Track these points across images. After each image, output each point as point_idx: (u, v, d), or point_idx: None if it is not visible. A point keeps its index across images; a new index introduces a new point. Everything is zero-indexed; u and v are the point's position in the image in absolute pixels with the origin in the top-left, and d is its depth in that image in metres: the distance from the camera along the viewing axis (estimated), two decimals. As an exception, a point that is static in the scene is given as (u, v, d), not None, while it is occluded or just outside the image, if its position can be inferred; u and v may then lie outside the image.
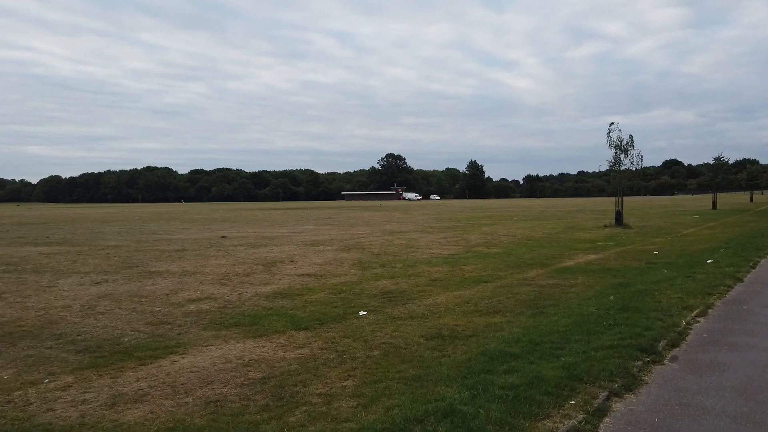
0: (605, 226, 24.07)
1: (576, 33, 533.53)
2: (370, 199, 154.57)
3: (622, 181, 24.51)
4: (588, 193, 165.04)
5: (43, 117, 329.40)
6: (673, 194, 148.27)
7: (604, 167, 25.08)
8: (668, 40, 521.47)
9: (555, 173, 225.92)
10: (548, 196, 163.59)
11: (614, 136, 24.53)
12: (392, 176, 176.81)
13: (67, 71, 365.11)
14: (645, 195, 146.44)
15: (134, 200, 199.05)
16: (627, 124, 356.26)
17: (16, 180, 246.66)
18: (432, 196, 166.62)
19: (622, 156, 24.08)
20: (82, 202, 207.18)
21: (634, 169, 24.34)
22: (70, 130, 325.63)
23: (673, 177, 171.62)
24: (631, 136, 24.57)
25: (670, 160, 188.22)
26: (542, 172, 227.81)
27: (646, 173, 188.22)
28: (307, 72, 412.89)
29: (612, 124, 24.50)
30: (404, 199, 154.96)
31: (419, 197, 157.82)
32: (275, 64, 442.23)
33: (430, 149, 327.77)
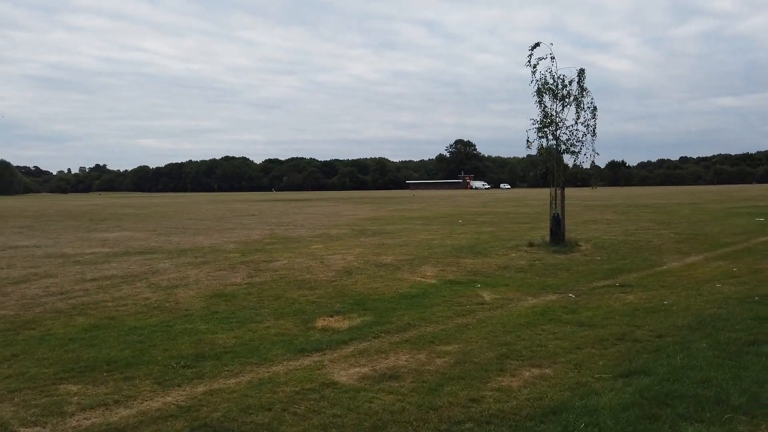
0: (530, 244, 14.99)
1: (680, 10, 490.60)
2: (435, 188, 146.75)
3: (556, 163, 15.06)
4: (681, 181, 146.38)
5: (156, 112, 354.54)
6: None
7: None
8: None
9: (654, 159, 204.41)
10: (635, 185, 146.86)
11: (542, 69, 14.02)
12: (460, 164, 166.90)
13: (176, 69, 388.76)
14: (751, 182, 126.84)
15: (211, 189, 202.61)
16: (743, 106, 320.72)
17: (120, 170, 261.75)
18: (502, 185, 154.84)
19: (557, 109, 14.75)
20: (165, 191, 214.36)
21: (582, 136, 14.70)
22: (180, 124, 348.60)
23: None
24: (580, 72, 14.34)
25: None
26: (641, 158, 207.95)
27: (753, 157, 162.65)
28: (396, 62, 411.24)
29: (536, 46, 13.88)
30: (471, 187, 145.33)
31: (487, 186, 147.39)
32: (365, 55, 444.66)
33: (522, 136, 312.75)
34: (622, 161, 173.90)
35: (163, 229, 22.92)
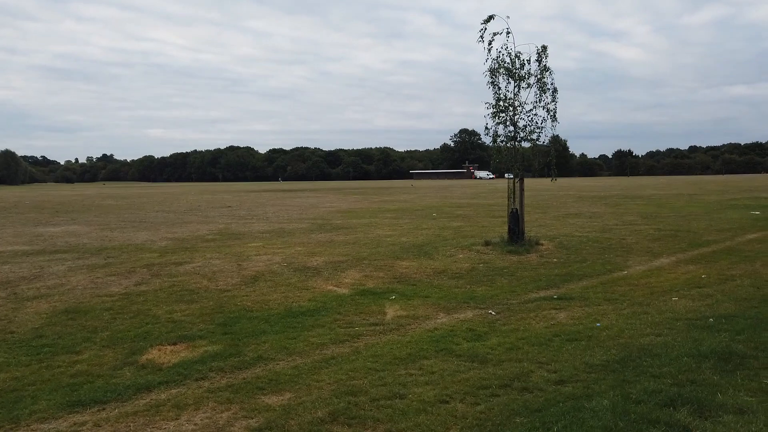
0: (486, 243, 13.39)
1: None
2: (439, 178, 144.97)
3: (514, 153, 13.40)
4: (689, 171, 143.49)
5: (165, 102, 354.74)
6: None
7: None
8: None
9: (663, 149, 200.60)
10: (641, 174, 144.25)
11: (498, 46, 12.68)
12: (465, 153, 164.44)
13: (185, 59, 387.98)
14: (760, 172, 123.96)
15: (215, 179, 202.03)
16: (755, 94, 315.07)
17: (128, 160, 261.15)
18: (506, 175, 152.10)
19: (514, 91, 12.70)
20: (171, 181, 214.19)
21: (541, 121, 12.77)
22: (188, 114, 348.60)
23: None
24: (542, 50, 12.58)
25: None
26: (650, 148, 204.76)
27: (763, 146, 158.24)
28: (405, 51, 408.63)
29: (490, 19, 12.14)
30: (476, 177, 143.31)
31: (492, 176, 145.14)
32: (374, 44, 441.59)
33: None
34: (629, 150, 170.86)
35: (117, 223, 21.57)
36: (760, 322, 6.23)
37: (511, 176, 13.85)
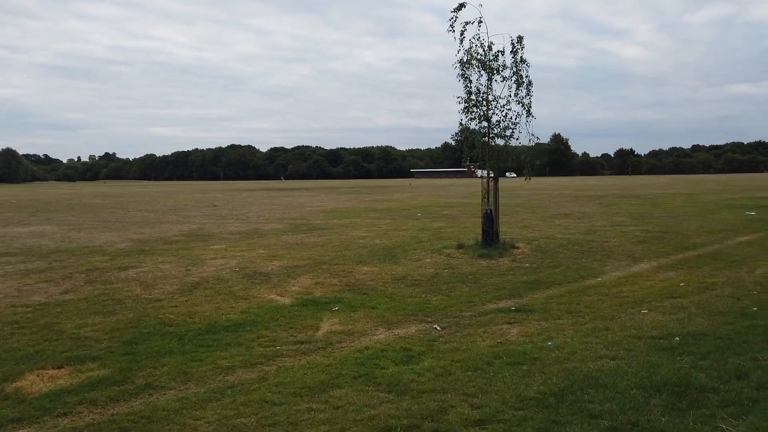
0: (459, 246, 12.59)
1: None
2: (441, 177, 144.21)
3: (489, 150, 12.59)
4: (691, 170, 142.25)
5: (167, 101, 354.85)
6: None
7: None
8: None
9: (665, 147, 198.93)
10: (643, 173, 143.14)
11: (470, 36, 11.52)
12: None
13: (187, 58, 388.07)
14: (763, 171, 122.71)
15: (216, 178, 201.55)
16: (757, 93, 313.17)
17: (131, 159, 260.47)
18: (507, 174, 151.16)
19: (486, 84, 11.95)
20: (172, 179, 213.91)
21: (515, 116, 11.75)
22: (190, 112, 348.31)
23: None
24: (517, 40, 11.71)
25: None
26: (653, 147, 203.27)
27: (766, 145, 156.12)
28: (406, 49, 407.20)
29: (461, 7, 11.35)
30: (477, 176, 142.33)
31: (493, 175, 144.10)
32: (375, 43, 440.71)
33: (533, 123, 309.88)
34: (631, 149, 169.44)
35: (91, 223, 20.88)
36: (731, 343, 5.45)
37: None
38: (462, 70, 11.78)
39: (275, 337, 6.24)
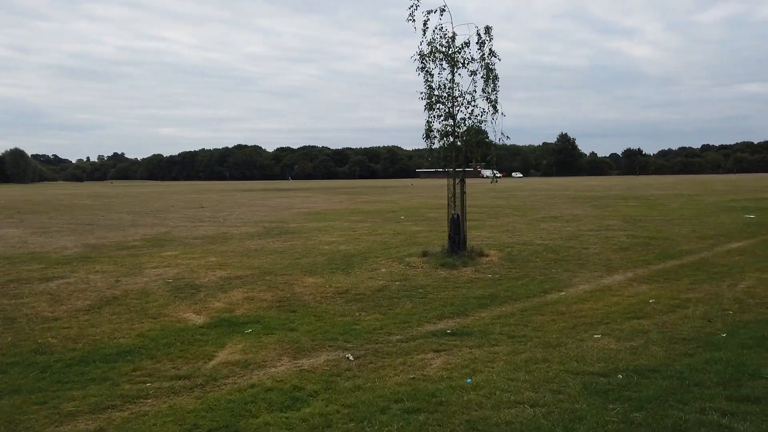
0: (424, 253, 11.61)
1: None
2: (445, 177, 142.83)
3: (452, 150, 11.58)
4: (700, 170, 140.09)
5: (175, 101, 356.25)
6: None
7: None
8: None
9: (675, 147, 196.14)
10: (651, 173, 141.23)
11: (433, 26, 10.49)
12: (472, 152, 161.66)
13: (195, 58, 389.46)
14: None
15: (223, 178, 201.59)
16: (766, 92, 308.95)
17: (139, 159, 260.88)
18: (514, 174, 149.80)
19: (450, 78, 10.96)
20: (179, 179, 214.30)
21: (481, 113, 10.90)
22: (198, 113, 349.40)
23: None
24: (485, 30, 10.74)
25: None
26: (662, 146, 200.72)
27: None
28: (413, 49, 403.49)
29: None
30: (482, 176, 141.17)
31: (498, 175, 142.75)
32: (383, 43, 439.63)
33: (541, 123, 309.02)
34: (639, 149, 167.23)
35: (61, 226, 20.15)
36: (680, 386, 4.47)
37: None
38: (422, 63, 10.81)
39: (154, 370, 5.32)
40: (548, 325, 6.68)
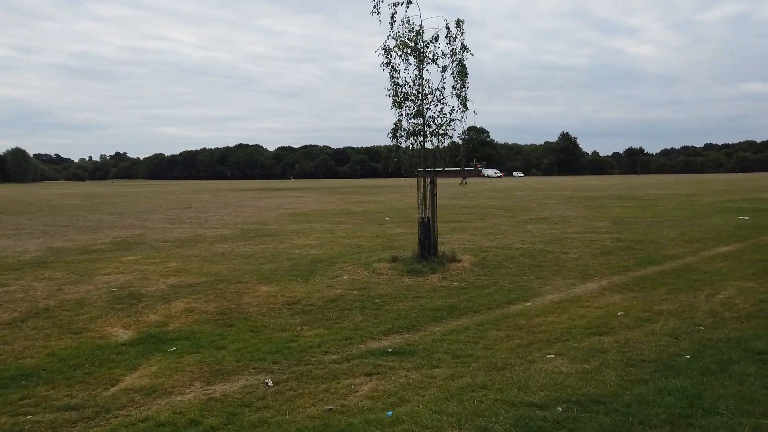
0: (393, 259, 11.00)
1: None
2: (448, 176, 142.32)
3: (420, 150, 10.94)
4: (702, 169, 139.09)
5: (177, 101, 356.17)
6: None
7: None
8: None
9: (678, 146, 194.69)
10: (653, 173, 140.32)
11: (400, 19, 9.91)
12: (473, 151, 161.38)
13: (197, 58, 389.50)
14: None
15: (224, 177, 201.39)
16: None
17: (140, 158, 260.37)
18: (515, 173, 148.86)
19: (416, 74, 10.39)
20: (180, 178, 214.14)
21: (450, 111, 10.34)
22: (200, 112, 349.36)
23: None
24: (455, 24, 10.09)
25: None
26: (665, 145, 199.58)
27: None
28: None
29: None
30: (484, 175, 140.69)
31: (499, 174, 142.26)
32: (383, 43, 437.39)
33: (543, 123, 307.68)
34: (640, 148, 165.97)
35: (34, 228, 19.64)
36: (622, 425, 3.87)
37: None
38: (386, 57, 10.19)
39: (44, 399, 4.74)
40: (501, 342, 6.08)
